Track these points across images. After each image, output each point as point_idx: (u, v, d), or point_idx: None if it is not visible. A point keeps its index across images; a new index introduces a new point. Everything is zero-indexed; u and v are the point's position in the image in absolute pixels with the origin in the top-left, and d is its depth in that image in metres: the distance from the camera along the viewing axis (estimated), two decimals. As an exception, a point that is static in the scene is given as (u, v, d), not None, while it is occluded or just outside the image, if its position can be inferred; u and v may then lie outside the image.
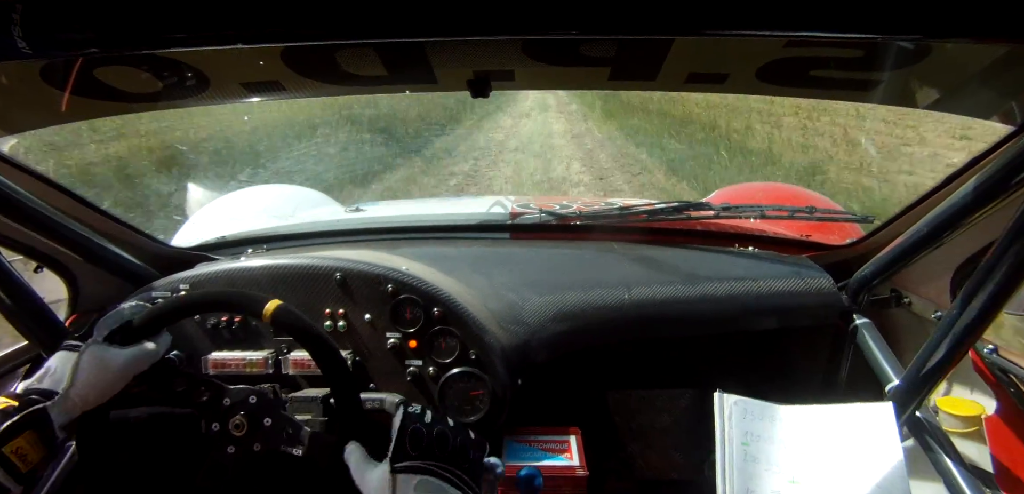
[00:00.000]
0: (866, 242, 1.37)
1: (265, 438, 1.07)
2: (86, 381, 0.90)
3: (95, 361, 0.91)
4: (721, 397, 1.05)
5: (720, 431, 1.02)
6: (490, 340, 1.20)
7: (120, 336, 0.95)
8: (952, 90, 0.96)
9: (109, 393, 0.94)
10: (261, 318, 0.94)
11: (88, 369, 0.90)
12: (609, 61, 0.96)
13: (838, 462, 0.98)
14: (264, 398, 1.08)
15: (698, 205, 1.57)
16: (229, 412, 1.08)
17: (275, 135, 8.87)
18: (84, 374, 0.90)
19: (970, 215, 0.95)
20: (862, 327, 1.28)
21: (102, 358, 0.92)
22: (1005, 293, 0.82)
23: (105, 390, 0.93)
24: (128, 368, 0.95)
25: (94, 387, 0.91)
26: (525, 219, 1.64)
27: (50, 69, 0.86)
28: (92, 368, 0.91)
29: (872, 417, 1.00)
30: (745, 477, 0.98)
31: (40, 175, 1.10)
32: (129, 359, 0.95)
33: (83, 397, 0.90)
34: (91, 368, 0.90)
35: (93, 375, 0.90)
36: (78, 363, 0.90)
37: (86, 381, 0.90)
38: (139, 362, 0.97)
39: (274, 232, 1.63)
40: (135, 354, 0.96)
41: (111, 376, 0.93)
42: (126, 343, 0.95)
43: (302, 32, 0.61)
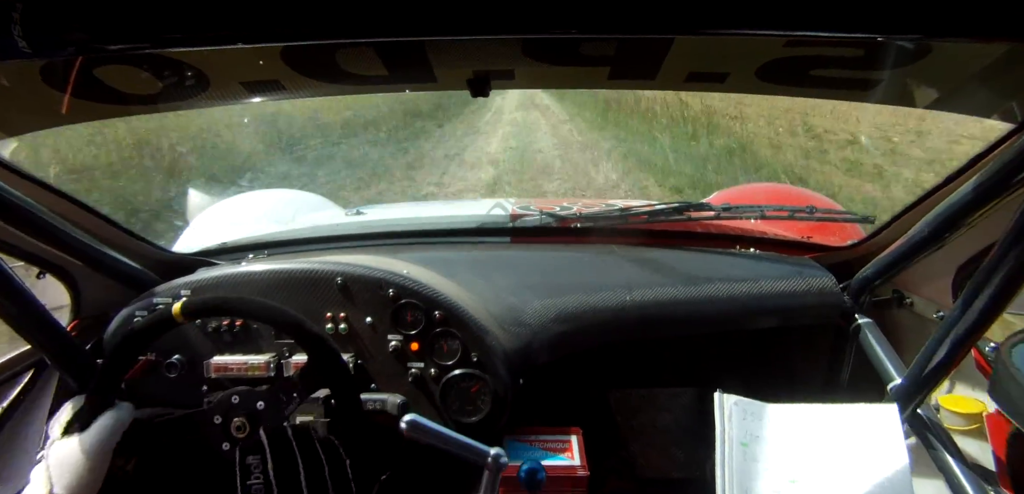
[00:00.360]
0: (867, 243, 1.37)
1: (265, 440, 1.07)
2: (63, 479, 0.89)
3: (61, 459, 0.90)
4: (721, 397, 1.05)
5: (720, 431, 1.02)
6: (491, 342, 1.19)
7: (78, 423, 0.95)
8: (952, 89, 0.96)
9: (95, 480, 0.93)
10: (175, 321, 0.95)
11: (58, 467, 0.90)
12: (609, 60, 0.96)
13: (840, 463, 0.97)
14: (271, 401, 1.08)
15: (699, 206, 1.57)
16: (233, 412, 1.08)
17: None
18: (57, 475, 0.89)
19: (971, 214, 0.95)
20: (864, 327, 1.28)
21: (66, 453, 0.91)
22: (1007, 293, 0.82)
23: (88, 479, 0.92)
24: (101, 446, 0.94)
25: (75, 481, 0.90)
26: (525, 222, 1.64)
27: (50, 70, 0.86)
28: (62, 467, 0.90)
29: (876, 418, 1.00)
30: (744, 477, 0.97)
31: (41, 181, 1.10)
32: (96, 438, 0.93)
33: (73, 491, 0.89)
34: (61, 467, 0.90)
35: (67, 471, 0.90)
36: (47, 469, 0.89)
37: (63, 479, 0.89)
38: (110, 436, 0.95)
39: (275, 237, 1.63)
40: (99, 430, 0.94)
41: (86, 463, 0.92)
42: (85, 427, 0.94)
43: (302, 31, 0.61)
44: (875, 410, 1.01)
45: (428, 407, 1.23)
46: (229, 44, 0.61)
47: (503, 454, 0.94)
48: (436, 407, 1.22)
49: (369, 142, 9.88)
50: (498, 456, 0.93)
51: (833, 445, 0.99)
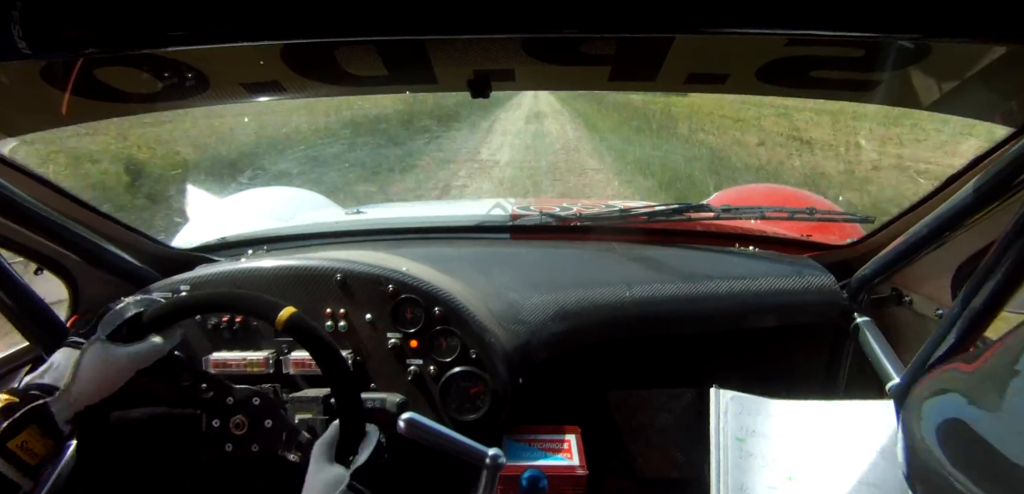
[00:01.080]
0: (867, 242, 1.37)
1: (264, 440, 1.07)
2: (88, 377, 0.91)
3: (97, 358, 0.92)
4: (717, 393, 1.05)
5: (715, 427, 1.02)
6: (491, 339, 1.19)
7: (124, 333, 0.96)
8: (953, 90, 0.95)
9: (111, 389, 0.95)
10: (275, 324, 0.94)
11: (90, 366, 0.91)
12: (609, 60, 0.96)
13: (837, 460, 0.97)
14: (267, 399, 1.08)
15: (698, 207, 1.57)
16: (231, 411, 1.08)
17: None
18: (86, 370, 0.91)
19: (971, 216, 0.95)
20: (863, 325, 1.28)
21: (104, 355, 0.92)
22: (1007, 292, 0.82)
23: (107, 386, 0.94)
24: (132, 364, 0.96)
25: (96, 383, 0.92)
26: (525, 220, 1.64)
27: (50, 70, 0.86)
28: (94, 365, 0.91)
29: (874, 415, 1.00)
30: (740, 473, 0.97)
31: (40, 177, 1.10)
32: (133, 356, 0.95)
33: (85, 393, 0.91)
34: (93, 365, 0.91)
35: (95, 371, 0.91)
36: (80, 360, 0.91)
37: (88, 377, 0.91)
38: (143, 358, 0.97)
39: (274, 233, 1.63)
40: (139, 351, 0.96)
41: (113, 372, 0.94)
42: (130, 340, 0.96)
43: (302, 30, 0.61)
44: (872, 407, 1.01)
45: (427, 405, 1.23)
46: (228, 43, 0.61)
47: (501, 454, 0.94)
48: (435, 406, 1.23)
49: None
50: (496, 456, 0.93)
51: (830, 442, 0.99)
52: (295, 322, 0.94)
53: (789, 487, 0.96)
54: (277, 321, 0.93)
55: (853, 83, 1.00)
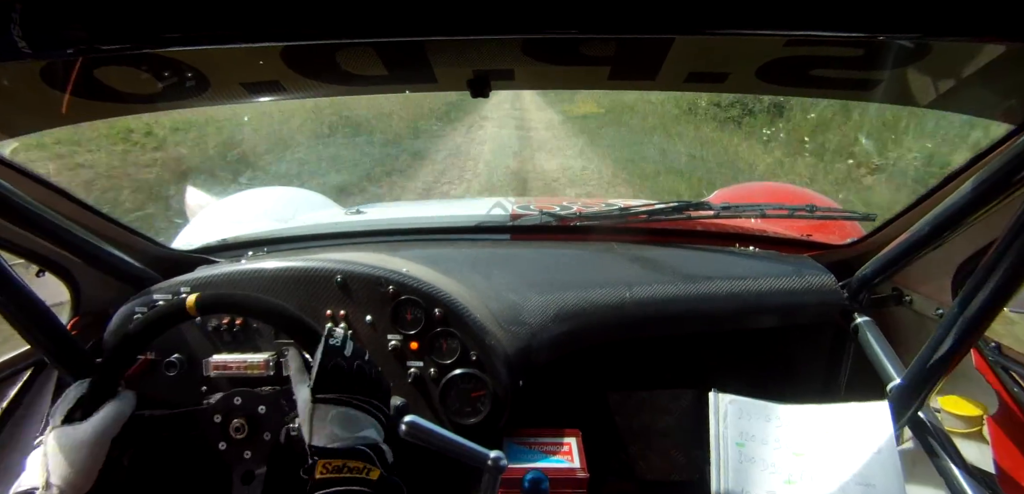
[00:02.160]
0: (867, 241, 1.37)
1: (268, 426, 1.07)
2: (60, 470, 0.88)
3: (61, 446, 0.90)
4: (716, 397, 1.05)
5: (715, 431, 1.02)
6: (491, 341, 1.19)
7: (80, 412, 0.94)
8: (952, 89, 0.95)
9: (92, 471, 0.92)
10: (188, 314, 0.94)
11: (55, 454, 0.89)
12: (609, 60, 0.96)
13: (834, 462, 0.97)
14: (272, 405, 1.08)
15: (698, 205, 1.57)
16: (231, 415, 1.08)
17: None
18: (55, 463, 0.88)
19: (971, 214, 0.95)
20: (863, 325, 1.28)
21: (66, 440, 0.90)
22: (1007, 291, 0.82)
23: (84, 470, 0.91)
24: (99, 439, 0.93)
25: (71, 471, 0.89)
26: (525, 220, 1.64)
27: (50, 70, 0.86)
28: (60, 454, 0.89)
29: (869, 417, 1.00)
30: (740, 477, 0.97)
31: (41, 179, 1.10)
32: (95, 430, 0.93)
33: (66, 484, 0.89)
34: (59, 454, 0.89)
35: (64, 460, 0.89)
36: (45, 455, 0.89)
37: (60, 470, 0.88)
38: (108, 428, 0.95)
39: (274, 234, 1.63)
40: (100, 422, 0.94)
41: (84, 453, 0.91)
42: (87, 415, 0.94)
43: (302, 31, 0.61)
44: (869, 409, 1.01)
45: (427, 408, 1.23)
46: (229, 44, 0.61)
47: (503, 457, 0.94)
48: (435, 408, 1.23)
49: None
50: (498, 459, 0.93)
51: (828, 445, 1.00)
52: (202, 301, 0.94)
53: (788, 491, 0.96)
54: (187, 307, 0.93)
55: (853, 82, 1.00)
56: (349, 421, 0.91)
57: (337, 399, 0.91)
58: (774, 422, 1.04)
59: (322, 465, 0.88)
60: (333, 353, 0.94)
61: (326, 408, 0.90)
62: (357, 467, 0.88)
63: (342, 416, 0.91)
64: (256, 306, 0.98)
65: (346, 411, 0.91)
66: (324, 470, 0.87)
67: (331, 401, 0.91)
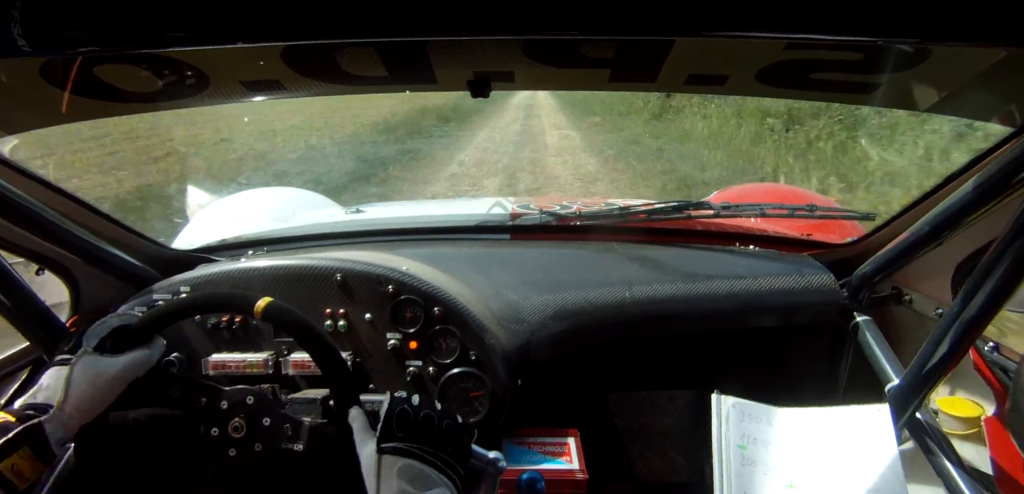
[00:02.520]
0: (867, 241, 1.37)
1: (265, 438, 1.07)
2: (80, 393, 0.88)
3: (87, 372, 0.89)
4: (718, 399, 1.05)
5: (717, 434, 1.02)
6: (490, 340, 1.19)
7: (111, 344, 0.94)
8: (952, 93, 0.95)
9: (104, 404, 0.92)
10: (253, 315, 0.93)
11: (80, 381, 0.89)
12: (609, 62, 0.95)
13: (836, 465, 0.97)
14: (261, 397, 1.07)
15: (698, 205, 1.57)
16: (227, 415, 1.08)
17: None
18: (77, 386, 0.88)
19: (970, 214, 0.95)
20: (863, 325, 1.28)
21: (94, 368, 0.90)
22: (1006, 290, 0.82)
23: (100, 401, 0.91)
24: (122, 376, 0.93)
25: (89, 398, 0.89)
26: (525, 220, 1.64)
27: (50, 68, 0.86)
28: (85, 380, 0.89)
29: (869, 419, 1.00)
30: (743, 481, 0.97)
31: (41, 179, 1.10)
32: (123, 367, 0.93)
33: (78, 409, 0.88)
34: (83, 380, 0.89)
35: (86, 387, 0.89)
36: (70, 376, 0.88)
37: (80, 393, 0.88)
38: (133, 369, 0.95)
39: (274, 234, 1.63)
40: (128, 361, 0.94)
41: (105, 386, 0.91)
42: (117, 351, 0.94)
43: (303, 31, 0.61)
44: (868, 411, 1.01)
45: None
46: (229, 44, 0.61)
47: (501, 458, 0.94)
48: None
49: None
50: (496, 460, 0.93)
51: (829, 448, 1.00)
52: (273, 311, 0.93)
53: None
54: (255, 311, 0.92)
55: (852, 85, 1.00)
56: (418, 477, 0.82)
57: (402, 450, 0.83)
58: (776, 425, 1.04)
59: None
60: (399, 401, 0.89)
61: (393, 460, 0.82)
62: None
63: (410, 470, 0.82)
64: (312, 340, 0.96)
65: (414, 464, 0.83)
66: None
67: (396, 451, 0.83)
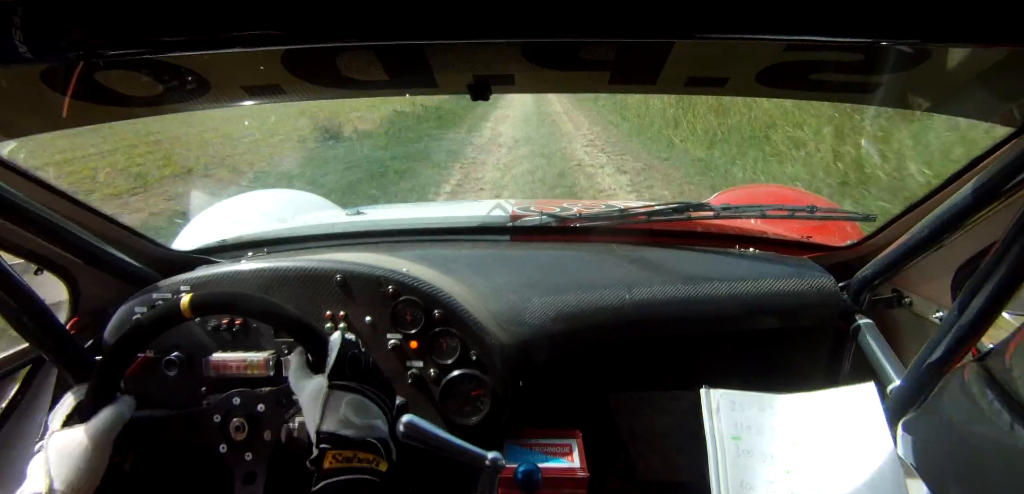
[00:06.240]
0: (867, 243, 1.37)
1: (267, 444, 1.07)
2: (62, 473, 0.89)
3: (60, 449, 0.90)
4: (708, 393, 1.05)
5: (709, 427, 1.02)
6: (491, 341, 1.20)
7: (78, 414, 0.94)
8: (952, 93, 0.96)
9: (95, 472, 0.93)
10: (183, 316, 0.94)
11: (57, 459, 0.89)
12: (609, 65, 0.96)
13: (832, 449, 0.98)
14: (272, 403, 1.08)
15: (698, 206, 1.57)
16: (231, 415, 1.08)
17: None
18: (56, 467, 0.89)
19: (971, 216, 0.95)
20: (863, 327, 1.28)
21: (66, 444, 0.91)
22: (1006, 294, 0.82)
23: (88, 471, 0.91)
24: (100, 439, 0.93)
25: (74, 474, 0.90)
26: (525, 221, 1.64)
27: (51, 73, 0.86)
28: (61, 457, 0.89)
29: (856, 399, 1.01)
30: (739, 471, 0.97)
31: (40, 179, 1.10)
32: (97, 430, 0.93)
33: (70, 488, 0.89)
34: (60, 457, 0.89)
35: (66, 463, 0.89)
36: (46, 461, 0.89)
37: (62, 473, 0.89)
38: (109, 428, 0.95)
39: (274, 235, 1.63)
40: (100, 423, 0.94)
41: (85, 456, 0.91)
42: (85, 418, 0.94)
43: (303, 35, 0.61)
44: (858, 392, 1.02)
45: (428, 408, 1.23)
46: (229, 48, 0.61)
47: (500, 458, 0.94)
48: (436, 408, 1.23)
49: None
50: (496, 460, 0.93)
51: (823, 432, 1.00)
52: (197, 302, 0.94)
53: (788, 480, 0.96)
54: (182, 308, 0.93)
55: (852, 86, 1.00)
56: (363, 409, 0.91)
57: (353, 387, 0.92)
58: (768, 412, 1.04)
59: (332, 455, 0.87)
60: (351, 344, 0.96)
61: (341, 394, 0.91)
62: (367, 459, 0.88)
63: (357, 403, 0.91)
64: (253, 307, 0.98)
65: (361, 399, 0.92)
66: (334, 460, 0.86)
67: (347, 389, 0.92)
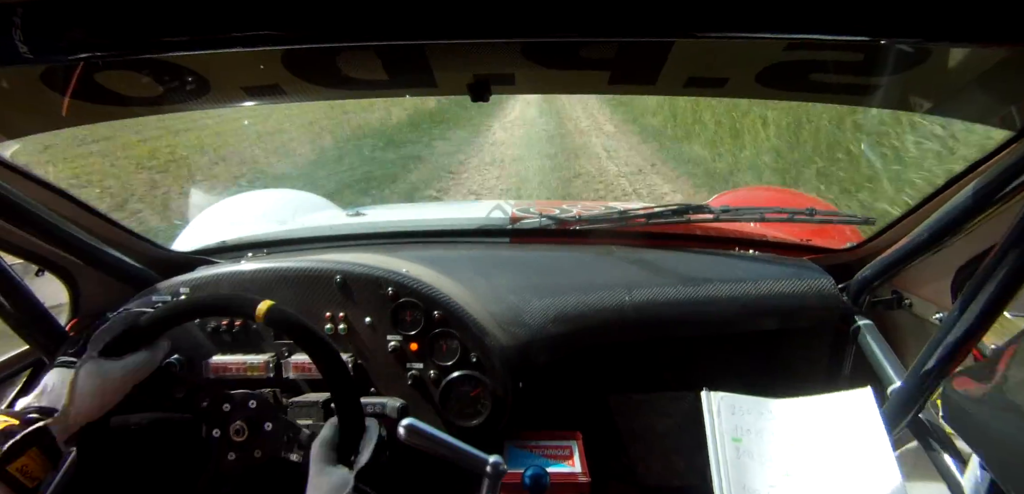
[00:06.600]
0: (866, 246, 1.37)
1: (265, 444, 1.07)
2: (84, 397, 0.90)
3: (92, 376, 0.91)
4: (708, 395, 1.05)
5: (710, 429, 1.02)
6: (491, 343, 1.19)
7: (116, 347, 0.95)
8: (951, 94, 0.95)
9: (109, 405, 0.94)
10: (255, 319, 0.94)
11: (86, 385, 0.90)
12: (608, 64, 0.96)
13: (828, 451, 0.98)
14: (264, 403, 1.07)
15: (698, 208, 1.56)
16: (229, 418, 1.08)
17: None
18: (82, 390, 0.90)
19: (971, 219, 0.95)
20: (863, 328, 1.28)
21: (98, 372, 0.92)
22: (1006, 295, 0.82)
23: (104, 403, 0.93)
24: (126, 379, 0.95)
25: (93, 401, 0.91)
26: (525, 223, 1.64)
27: (51, 73, 0.86)
28: (89, 383, 0.91)
29: (854, 404, 1.01)
30: (739, 473, 0.97)
31: (40, 180, 1.10)
32: (127, 370, 0.95)
33: (83, 412, 0.90)
34: (88, 384, 0.91)
35: (91, 390, 0.91)
36: (75, 380, 0.90)
37: (84, 397, 0.90)
38: (137, 372, 0.97)
39: (274, 236, 1.63)
40: (132, 364, 0.96)
41: (109, 389, 0.93)
42: (122, 354, 0.95)
43: (303, 35, 0.61)
44: (856, 397, 1.02)
45: (428, 409, 1.23)
46: (229, 48, 0.61)
47: (501, 461, 0.94)
48: (436, 410, 1.22)
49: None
50: (497, 464, 0.93)
51: (820, 434, 1.01)
52: (275, 315, 0.93)
53: (788, 483, 0.96)
54: (256, 315, 0.93)
55: (852, 87, 1.00)
56: None
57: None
58: (767, 416, 1.05)
59: None
60: (383, 446, 0.97)
61: None
62: None
63: None
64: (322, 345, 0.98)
65: None
66: None
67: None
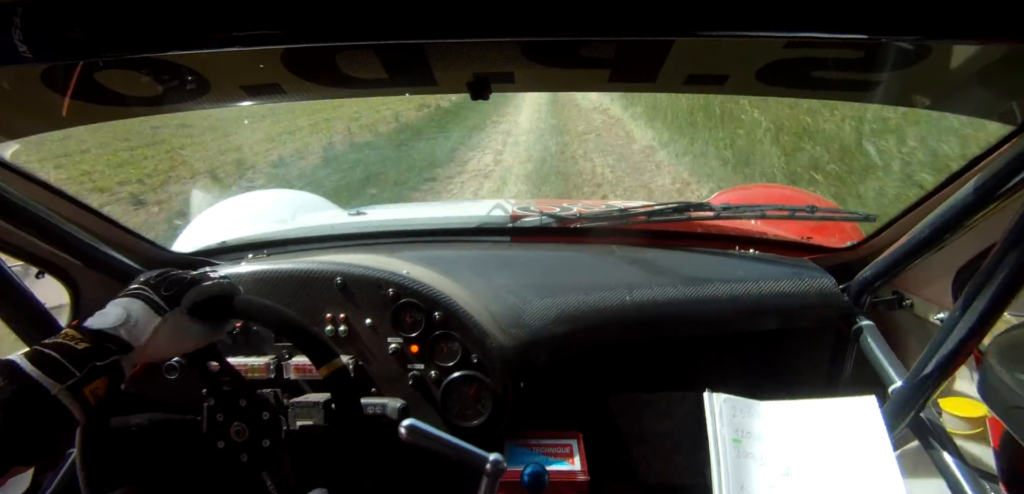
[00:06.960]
0: (867, 244, 1.37)
1: (255, 454, 1.07)
2: (160, 346, 0.93)
3: (174, 330, 0.94)
4: (710, 396, 1.06)
5: (711, 430, 1.02)
6: (491, 343, 1.19)
7: (204, 310, 0.97)
8: (952, 90, 0.95)
9: (169, 356, 1.03)
10: (318, 369, 1.00)
11: (168, 335, 0.93)
12: (608, 63, 0.95)
13: (829, 454, 0.99)
14: (265, 403, 1.07)
15: (698, 206, 1.56)
16: (230, 418, 1.08)
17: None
18: (163, 338, 0.93)
19: (971, 216, 0.95)
20: (864, 328, 1.27)
21: (180, 327, 0.95)
22: (1007, 295, 0.82)
23: (169, 353, 1.00)
24: (196, 342, 0.99)
25: (164, 351, 0.95)
26: (526, 222, 1.63)
27: (51, 73, 0.86)
28: (169, 335, 0.94)
29: (856, 411, 1.01)
30: (739, 474, 0.98)
31: (41, 180, 1.10)
32: (200, 335, 0.99)
33: (151, 355, 0.93)
34: (168, 335, 0.93)
35: (167, 341, 0.94)
36: (159, 327, 0.92)
37: (160, 346, 0.93)
38: (203, 339, 1.00)
39: (274, 237, 1.63)
40: (206, 331, 0.99)
41: (181, 345, 0.98)
42: (205, 318, 0.98)
43: (302, 34, 0.61)
44: (854, 403, 1.02)
45: (429, 410, 1.23)
46: (229, 47, 0.61)
47: (501, 460, 0.94)
48: (437, 410, 1.22)
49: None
50: (497, 462, 0.93)
51: (821, 437, 1.01)
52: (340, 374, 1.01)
53: (787, 483, 0.97)
54: (320, 368, 1.00)
55: (852, 83, 1.00)
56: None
57: None
58: (767, 418, 1.05)
59: None
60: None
61: None
62: None
63: None
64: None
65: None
66: None
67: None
